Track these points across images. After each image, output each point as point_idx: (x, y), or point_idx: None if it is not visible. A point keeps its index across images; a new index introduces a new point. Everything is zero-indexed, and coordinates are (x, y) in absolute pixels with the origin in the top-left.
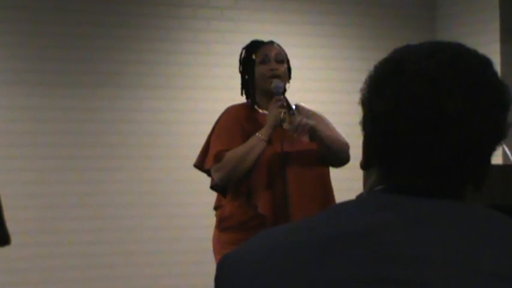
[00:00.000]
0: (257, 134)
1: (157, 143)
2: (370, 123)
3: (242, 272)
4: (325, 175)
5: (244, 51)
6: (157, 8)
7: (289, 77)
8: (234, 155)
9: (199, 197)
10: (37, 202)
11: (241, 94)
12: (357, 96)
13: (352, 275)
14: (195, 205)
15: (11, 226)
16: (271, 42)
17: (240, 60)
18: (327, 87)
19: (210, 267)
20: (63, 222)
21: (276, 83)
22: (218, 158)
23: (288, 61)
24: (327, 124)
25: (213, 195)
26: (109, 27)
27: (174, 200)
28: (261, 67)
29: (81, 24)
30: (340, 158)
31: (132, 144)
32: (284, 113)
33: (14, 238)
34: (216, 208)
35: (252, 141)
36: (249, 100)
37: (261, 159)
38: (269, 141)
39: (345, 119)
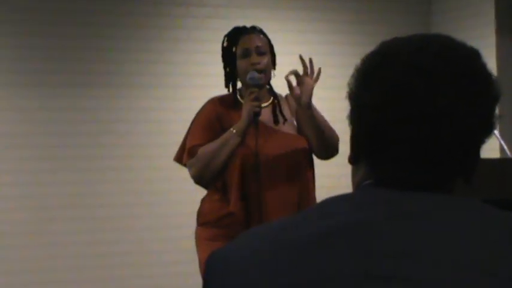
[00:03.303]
0: (231, 128)
1: (151, 142)
2: (357, 117)
3: (231, 268)
4: (305, 172)
5: (225, 41)
6: (149, 6)
7: (274, 65)
8: (206, 150)
9: (194, 195)
10: (32, 203)
11: (225, 86)
12: None
13: (340, 270)
14: (189, 203)
15: (5, 228)
16: (252, 31)
17: (222, 49)
18: (323, 84)
19: None
20: (59, 223)
21: (250, 74)
22: (192, 153)
23: (271, 48)
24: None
25: None
26: (102, 27)
27: (169, 198)
28: (242, 61)
29: (75, 24)
30: (330, 146)
31: (126, 144)
32: (258, 107)
33: (8, 240)
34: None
35: (225, 136)
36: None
37: (235, 155)
38: (244, 136)
39: (341, 115)
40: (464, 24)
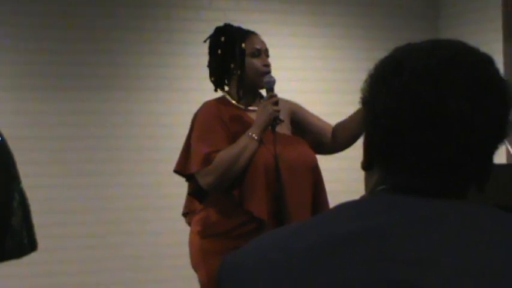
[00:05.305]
0: (248, 132)
1: (159, 146)
2: (371, 122)
3: (246, 273)
4: (317, 174)
5: (223, 35)
6: (158, 9)
7: None
8: (225, 156)
9: None
10: (38, 207)
11: (213, 82)
12: None
13: (354, 276)
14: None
15: None
16: (254, 33)
17: (214, 43)
18: (336, 89)
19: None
20: (66, 227)
21: (268, 78)
22: (207, 160)
23: None
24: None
25: None
26: (109, 30)
27: (178, 202)
28: (254, 61)
29: (83, 28)
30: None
31: (134, 147)
32: (277, 111)
33: None
34: (186, 214)
35: (243, 140)
36: (223, 94)
37: (254, 160)
38: (260, 141)
39: None
40: (472, 29)
